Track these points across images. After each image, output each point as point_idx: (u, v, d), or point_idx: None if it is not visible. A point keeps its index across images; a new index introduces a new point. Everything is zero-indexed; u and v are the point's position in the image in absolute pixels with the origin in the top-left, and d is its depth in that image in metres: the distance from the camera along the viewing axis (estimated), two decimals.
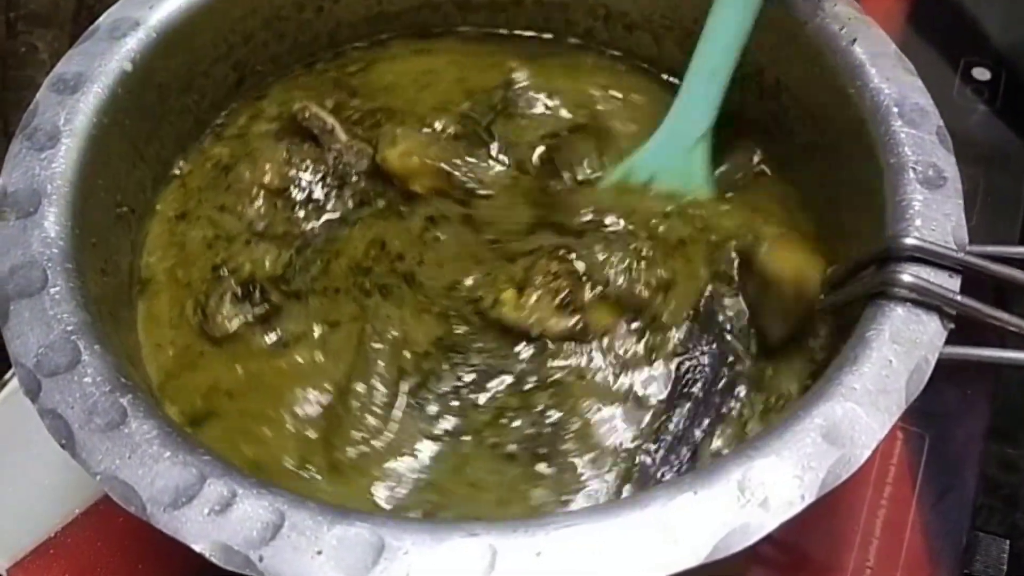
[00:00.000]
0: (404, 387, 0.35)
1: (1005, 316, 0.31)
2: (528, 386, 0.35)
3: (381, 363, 0.36)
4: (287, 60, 0.47)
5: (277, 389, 0.35)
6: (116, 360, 0.30)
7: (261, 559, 0.25)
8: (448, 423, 0.35)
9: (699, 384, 0.36)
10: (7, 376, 0.43)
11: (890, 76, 0.37)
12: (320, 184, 0.41)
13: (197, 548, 0.25)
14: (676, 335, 0.37)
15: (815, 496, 0.27)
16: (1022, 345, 0.31)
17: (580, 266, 0.37)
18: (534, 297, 0.36)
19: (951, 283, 0.31)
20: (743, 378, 0.36)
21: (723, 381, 0.36)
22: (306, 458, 0.34)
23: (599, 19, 0.48)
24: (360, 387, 0.35)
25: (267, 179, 0.41)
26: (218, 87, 0.44)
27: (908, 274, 0.31)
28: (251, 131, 0.44)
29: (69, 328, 0.30)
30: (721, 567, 0.26)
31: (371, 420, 0.34)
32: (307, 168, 0.41)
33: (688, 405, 0.35)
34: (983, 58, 0.58)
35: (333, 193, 0.41)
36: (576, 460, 0.34)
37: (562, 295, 0.37)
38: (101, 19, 0.39)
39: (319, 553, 0.25)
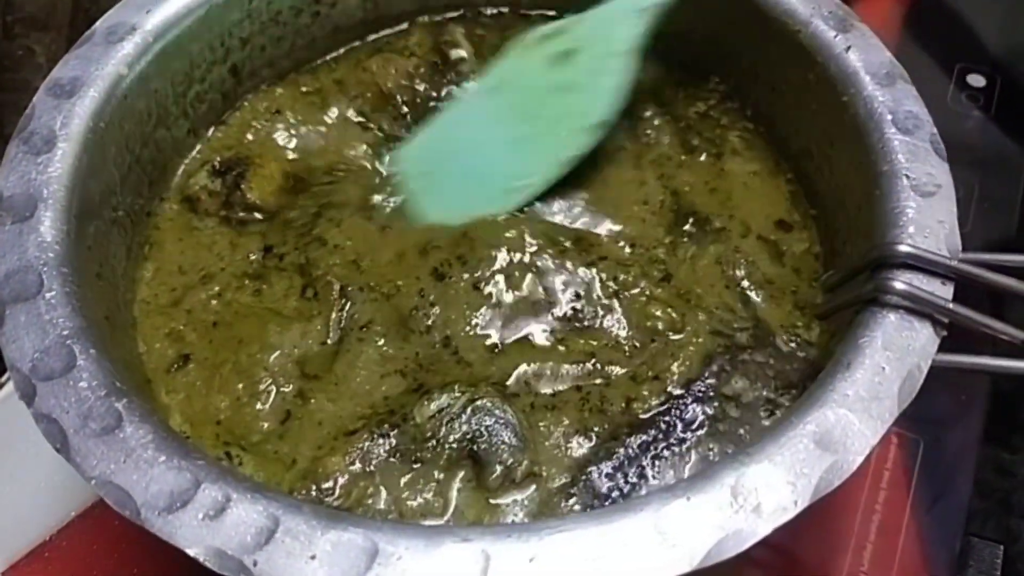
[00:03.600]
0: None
1: (998, 325, 0.31)
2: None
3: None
4: (285, 65, 0.47)
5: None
6: (112, 364, 0.30)
7: (255, 564, 0.25)
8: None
9: (672, 422, 0.35)
10: (3, 379, 0.43)
11: (884, 84, 0.37)
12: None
13: (191, 553, 0.25)
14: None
15: (808, 502, 0.27)
16: (1015, 353, 0.31)
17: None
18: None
19: (944, 291, 0.31)
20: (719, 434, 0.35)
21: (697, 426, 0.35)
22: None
23: None
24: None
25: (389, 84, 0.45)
26: (215, 91, 0.44)
27: (901, 281, 0.31)
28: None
29: (65, 333, 0.30)
30: (714, 571, 0.26)
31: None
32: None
33: (651, 432, 0.35)
34: (978, 64, 0.58)
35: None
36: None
37: None
38: (98, 24, 0.39)
39: (313, 558, 0.25)
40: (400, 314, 0.37)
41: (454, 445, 0.33)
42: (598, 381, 0.36)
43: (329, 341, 0.37)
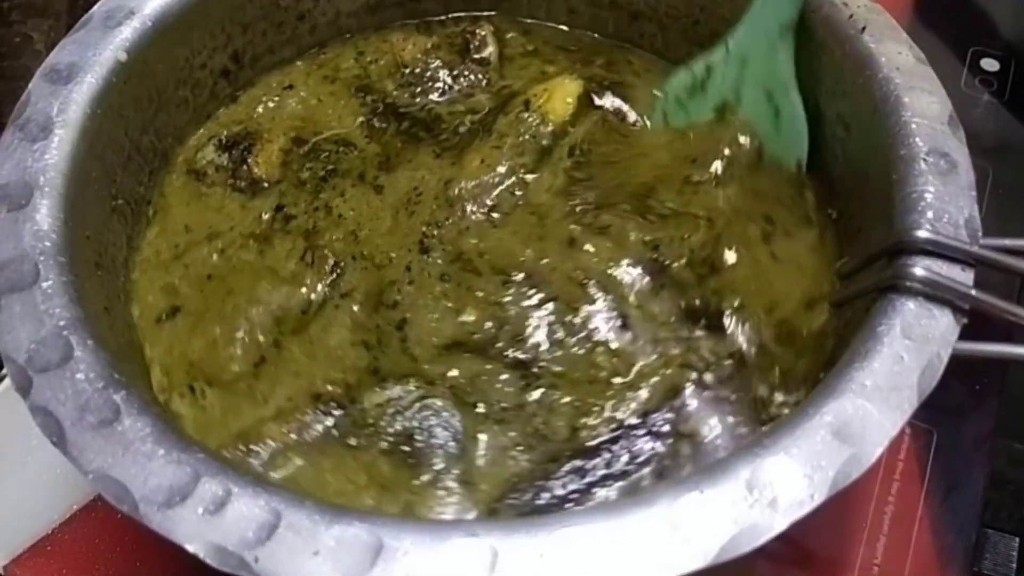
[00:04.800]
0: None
1: (1021, 311, 0.30)
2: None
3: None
4: (286, 52, 0.46)
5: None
6: (109, 356, 0.29)
7: (257, 560, 0.24)
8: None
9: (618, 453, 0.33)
10: (3, 371, 0.43)
11: (900, 65, 0.36)
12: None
13: (190, 549, 0.25)
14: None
15: (825, 496, 0.26)
16: None
17: None
18: None
19: (964, 277, 0.31)
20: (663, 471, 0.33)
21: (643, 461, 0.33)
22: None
23: (603, 7, 0.47)
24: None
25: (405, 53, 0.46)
26: (216, 78, 0.43)
27: (920, 267, 0.30)
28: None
29: (61, 323, 0.29)
30: (725, 564, 0.25)
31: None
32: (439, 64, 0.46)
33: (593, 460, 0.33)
34: (991, 48, 0.57)
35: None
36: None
37: None
38: (95, 8, 0.39)
39: (316, 554, 0.24)
40: (381, 285, 0.37)
41: (391, 438, 0.33)
42: (550, 400, 0.34)
43: (311, 309, 0.37)
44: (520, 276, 0.38)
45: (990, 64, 0.56)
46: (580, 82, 0.44)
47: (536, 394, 0.35)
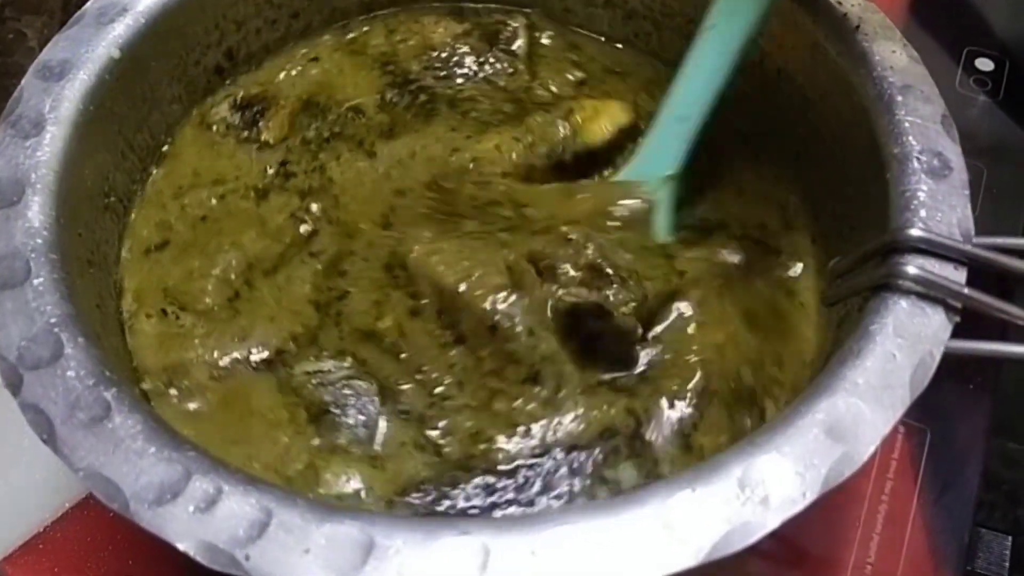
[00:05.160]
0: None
1: (1013, 309, 0.30)
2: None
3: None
4: (281, 47, 0.46)
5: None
6: (101, 353, 0.29)
7: (247, 558, 0.24)
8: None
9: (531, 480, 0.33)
10: None
11: (894, 64, 0.36)
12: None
13: (181, 547, 0.24)
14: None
15: (817, 494, 0.26)
16: None
17: None
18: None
19: (957, 275, 0.31)
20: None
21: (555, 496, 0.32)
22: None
23: (597, 5, 0.47)
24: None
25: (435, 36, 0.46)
26: (210, 75, 0.43)
27: (913, 266, 0.30)
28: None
29: (52, 320, 0.29)
30: (718, 562, 0.25)
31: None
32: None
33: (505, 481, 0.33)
34: (986, 48, 0.57)
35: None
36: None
37: None
38: (88, 4, 0.38)
39: (307, 552, 0.24)
40: (341, 253, 0.38)
41: (310, 407, 0.34)
42: (486, 413, 0.34)
43: (281, 262, 0.38)
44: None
45: (985, 64, 0.56)
46: (631, 115, 0.43)
47: (457, 402, 0.34)
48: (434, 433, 0.34)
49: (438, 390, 0.34)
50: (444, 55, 0.46)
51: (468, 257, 0.36)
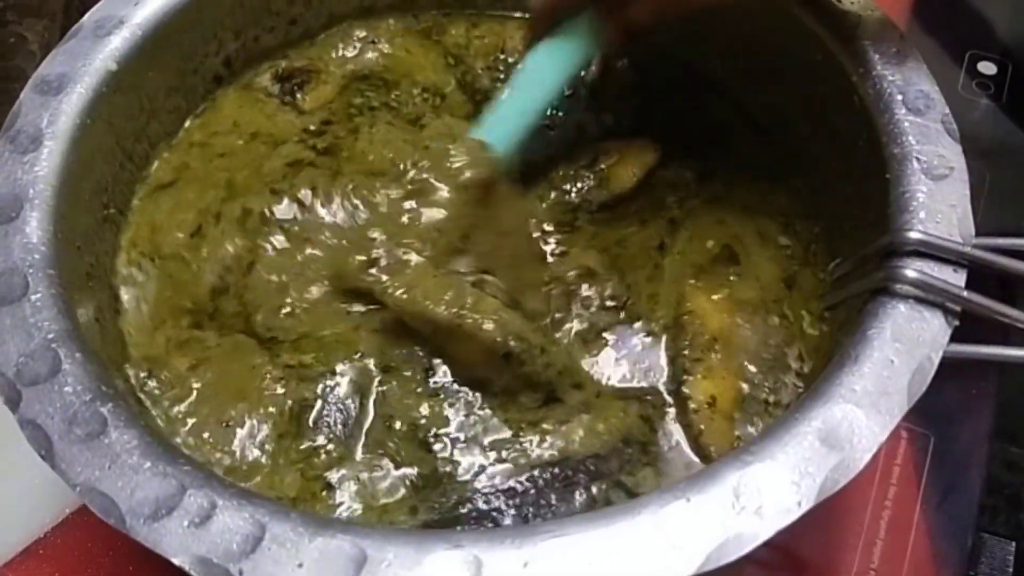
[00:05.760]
0: None
1: (1014, 312, 0.30)
2: None
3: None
4: (279, 54, 0.46)
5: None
6: (98, 368, 0.29)
7: (241, 573, 0.24)
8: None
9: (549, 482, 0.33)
10: None
11: (894, 63, 0.36)
12: None
13: (176, 562, 0.24)
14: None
15: (812, 503, 0.26)
16: None
17: None
18: None
19: (956, 278, 0.30)
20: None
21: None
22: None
23: None
24: None
25: None
26: (208, 84, 0.43)
27: (912, 269, 0.30)
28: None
29: (50, 336, 0.29)
30: (715, 571, 0.25)
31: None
32: None
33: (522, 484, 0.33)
34: (989, 52, 0.57)
35: None
36: None
37: None
38: (85, 18, 0.39)
39: (300, 566, 0.24)
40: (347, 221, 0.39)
41: (289, 403, 0.34)
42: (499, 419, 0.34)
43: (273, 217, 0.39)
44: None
45: (987, 68, 0.56)
46: (657, 154, 0.42)
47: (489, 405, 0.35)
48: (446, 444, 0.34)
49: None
50: (512, 60, 0.46)
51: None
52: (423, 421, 0.34)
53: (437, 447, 0.33)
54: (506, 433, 0.34)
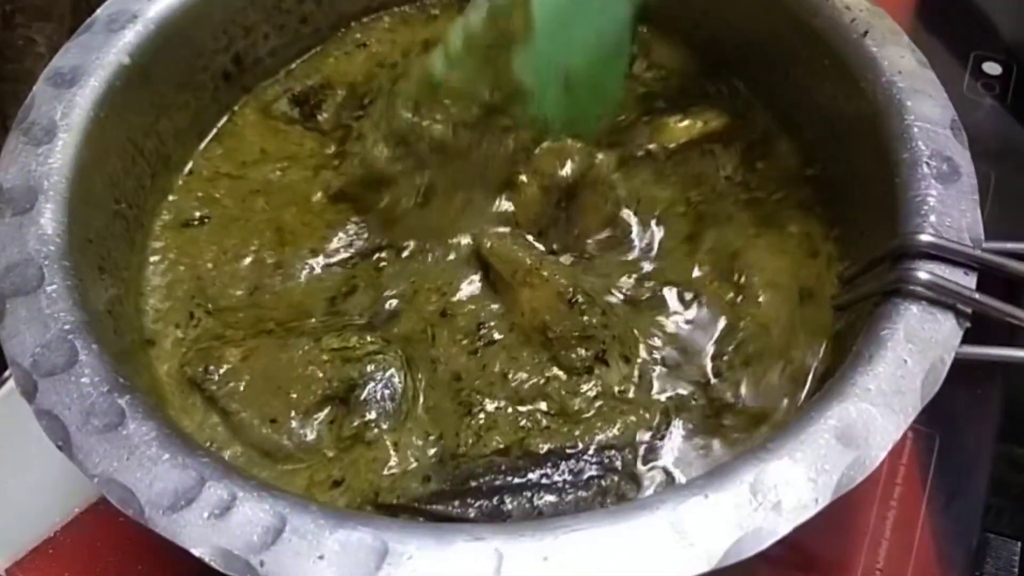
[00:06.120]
0: None
1: (1023, 314, 0.30)
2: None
3: None
4: (288, 53, 0.46)
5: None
6: (114, 360, 0.29)
7: (262, 564, 0.24)
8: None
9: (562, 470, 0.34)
10: (6, 374, 0.43)
11: (902, 68, 0.36)
12: None
13: (196, 553, 0.25)
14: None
15: (829, 499, 0.26)
16: None
17: None
18: None
19: (967, 280, 0.31)
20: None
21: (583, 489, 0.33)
22: None
23: None
24: None
25: None
26: (217, 81, 0.43)
27: (923, 271, 0.30)
28: None
29: (66, 327, 0.29)
30: (726, 569, 0.25)
31: None
32: None
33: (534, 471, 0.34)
34: (993, 52, 0.57)
35: None
36: None
37: None
38: (98, 12, 0.39)
39: (321, 558, 0.24)
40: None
41: (335, 384, 0.34)
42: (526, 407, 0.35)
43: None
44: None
45: (992, 68, 0.56)
46: (724, 119, 0.43)
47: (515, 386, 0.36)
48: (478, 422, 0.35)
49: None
50: None
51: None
52: (464, 376, 0.35)
53: (475, 410, 0.35)
54: (541, 405, 0.35)
